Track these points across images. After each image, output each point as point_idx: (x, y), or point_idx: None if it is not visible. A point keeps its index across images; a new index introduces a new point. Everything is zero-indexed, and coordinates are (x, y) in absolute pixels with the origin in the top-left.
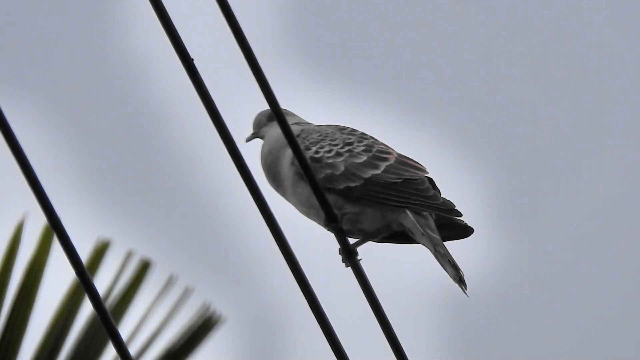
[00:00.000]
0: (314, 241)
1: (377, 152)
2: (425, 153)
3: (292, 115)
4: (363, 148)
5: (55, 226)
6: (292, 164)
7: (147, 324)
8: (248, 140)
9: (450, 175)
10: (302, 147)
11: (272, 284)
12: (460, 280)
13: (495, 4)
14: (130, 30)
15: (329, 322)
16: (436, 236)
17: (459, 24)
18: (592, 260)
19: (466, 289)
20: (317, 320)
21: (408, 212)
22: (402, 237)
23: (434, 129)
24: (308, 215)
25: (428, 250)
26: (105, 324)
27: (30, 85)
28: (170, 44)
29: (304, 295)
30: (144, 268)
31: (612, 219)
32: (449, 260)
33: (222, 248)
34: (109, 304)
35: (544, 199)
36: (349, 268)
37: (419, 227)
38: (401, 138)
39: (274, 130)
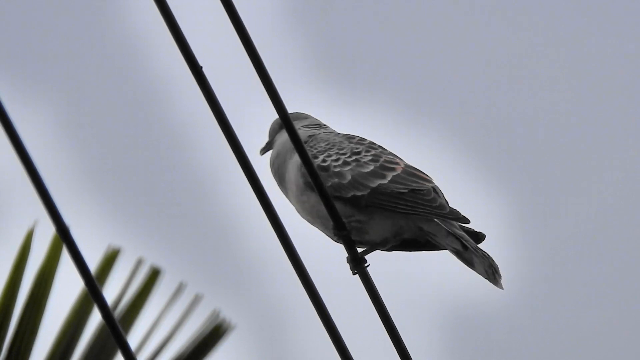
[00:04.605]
0: (322, 249)
1: (384, 162)
2: (431, 159)
3: (305, 117)
4: (370, 157)
5: (64, 235)
6: (300, 170)
7: (157, 332)
8: (262, 152)
9: (460, 182)
10: (309, 154)
11: (281, 291)
12: (494, 271)
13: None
14: (141, 44)
15: (337, 329)
16: (462, 233)
17: (478, 31)
18: (608, 267)
19: (500, 278)
20: (325, 327)
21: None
22: (412, 245)
23: (440, 135)
24: (313, 223)
25: (450, 253)
26: (114, 334)
27: (38, 89)
28: (179, 52)
29: (312, 302)
30: (154, 276)
31: (628, 222)
32: (481, 254)
33: (231, 255)
34: (118, 311)
35: (557, 203)
36: (357, 276)
37: (444, 227)
38: (409, 145)
39: (284, 135)
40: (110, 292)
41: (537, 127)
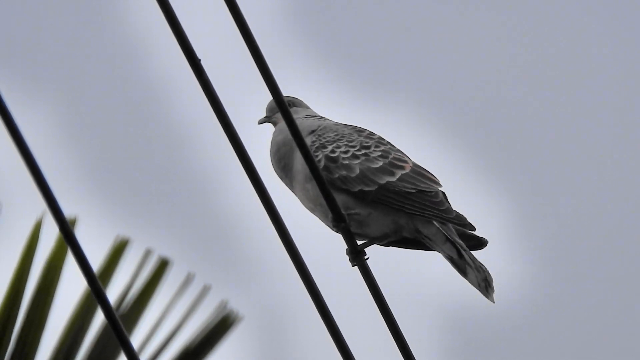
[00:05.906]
0: (322, 241)
1: (393, 159)
2: (432, 159)
3: (306, 107)
4: (380, 153)
5: (67, 236)
6: None
7: (165, 322)
8: (260, 122)
9: (462, 184)
10: (317, 144)
11: (288, 283)
12: (487, 285)
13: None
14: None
15: (335, 322)
16: (461, 242)
17: (486, 31)
18: (608, 267)
19: (493, 292)
20: (323, 320)
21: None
22: (410, 242)
23: (440, 134)
24: (313, 211)
25: (443, 257)
26: (116, 331)
27: (44, 84)
28: (178, 45)
29: (311, 297)
30: (162, 266)
31: (628, 222)
32: (478, 265)
33: (239, 246)
34: (127, 301)
35: (558, 204)
36: (356, 268)
37: (444, 233)
38: (408, 144)
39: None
40: (118, 282)
41: (537, 127)
